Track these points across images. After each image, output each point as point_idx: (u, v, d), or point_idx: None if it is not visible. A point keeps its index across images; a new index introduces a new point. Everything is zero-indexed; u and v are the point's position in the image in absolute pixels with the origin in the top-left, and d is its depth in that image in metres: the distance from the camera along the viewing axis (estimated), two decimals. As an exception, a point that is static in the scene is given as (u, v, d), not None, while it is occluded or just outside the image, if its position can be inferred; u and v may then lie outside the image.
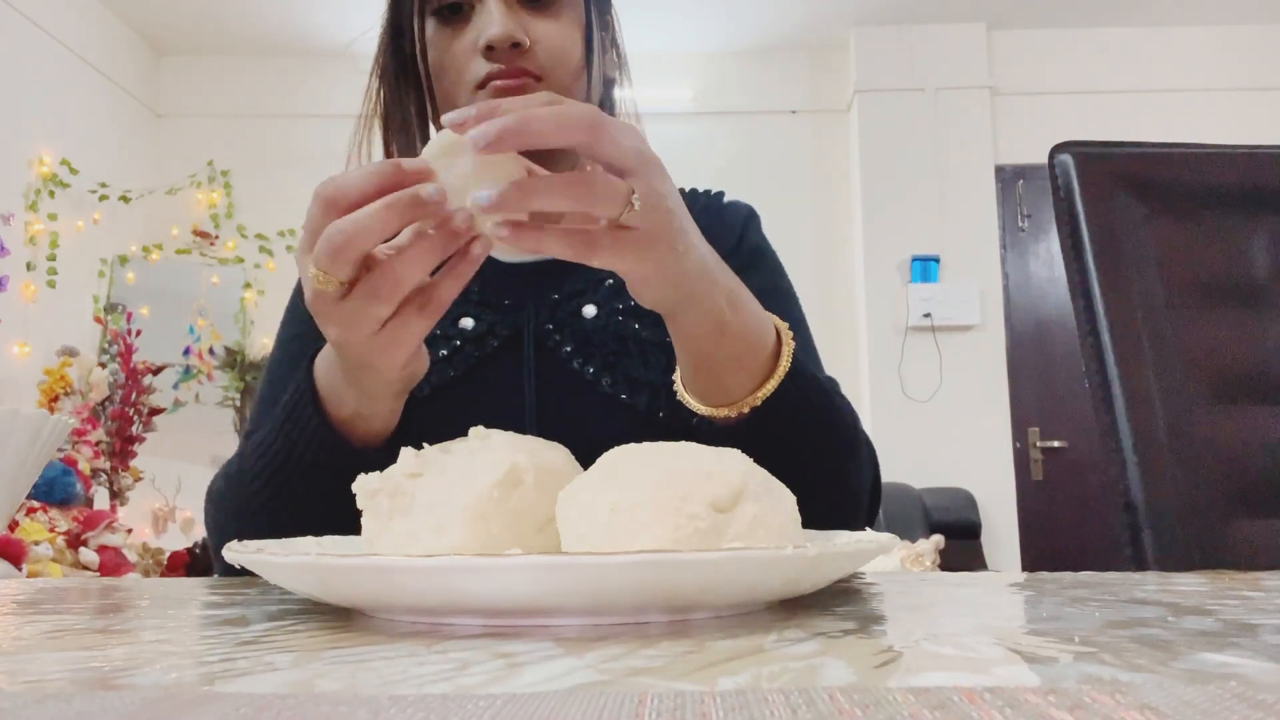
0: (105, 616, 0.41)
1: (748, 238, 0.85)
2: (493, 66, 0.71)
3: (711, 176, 4.39)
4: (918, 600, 0.42)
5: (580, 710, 0.20)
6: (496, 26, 0.70)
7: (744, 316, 0.58)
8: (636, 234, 0.48)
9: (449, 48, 0.73)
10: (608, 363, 0.75)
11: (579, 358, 0.75)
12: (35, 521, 2.44)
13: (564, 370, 0.75)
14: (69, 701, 0.22)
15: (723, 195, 0.91)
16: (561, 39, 0.73)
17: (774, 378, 0.60)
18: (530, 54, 0.72)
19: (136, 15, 3.98)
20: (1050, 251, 4.08)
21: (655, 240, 0.49)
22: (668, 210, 0.49)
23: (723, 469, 0.40)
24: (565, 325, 0.76)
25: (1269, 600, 0.40)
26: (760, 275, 0.82)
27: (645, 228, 0.48)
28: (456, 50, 0.73)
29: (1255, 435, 0.78)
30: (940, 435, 3.87)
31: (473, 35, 0.72)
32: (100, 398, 3.20)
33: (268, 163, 4.20)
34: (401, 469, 0.44)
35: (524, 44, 0.71)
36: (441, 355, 0.74)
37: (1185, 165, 0.85)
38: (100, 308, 3.88)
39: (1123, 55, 4.16)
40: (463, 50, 0.73)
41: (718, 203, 0.89)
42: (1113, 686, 0.22)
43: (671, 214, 0.49)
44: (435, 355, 0.72)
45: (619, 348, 0.75)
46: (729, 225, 0.85)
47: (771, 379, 0.60)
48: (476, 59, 0.72)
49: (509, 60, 0.71)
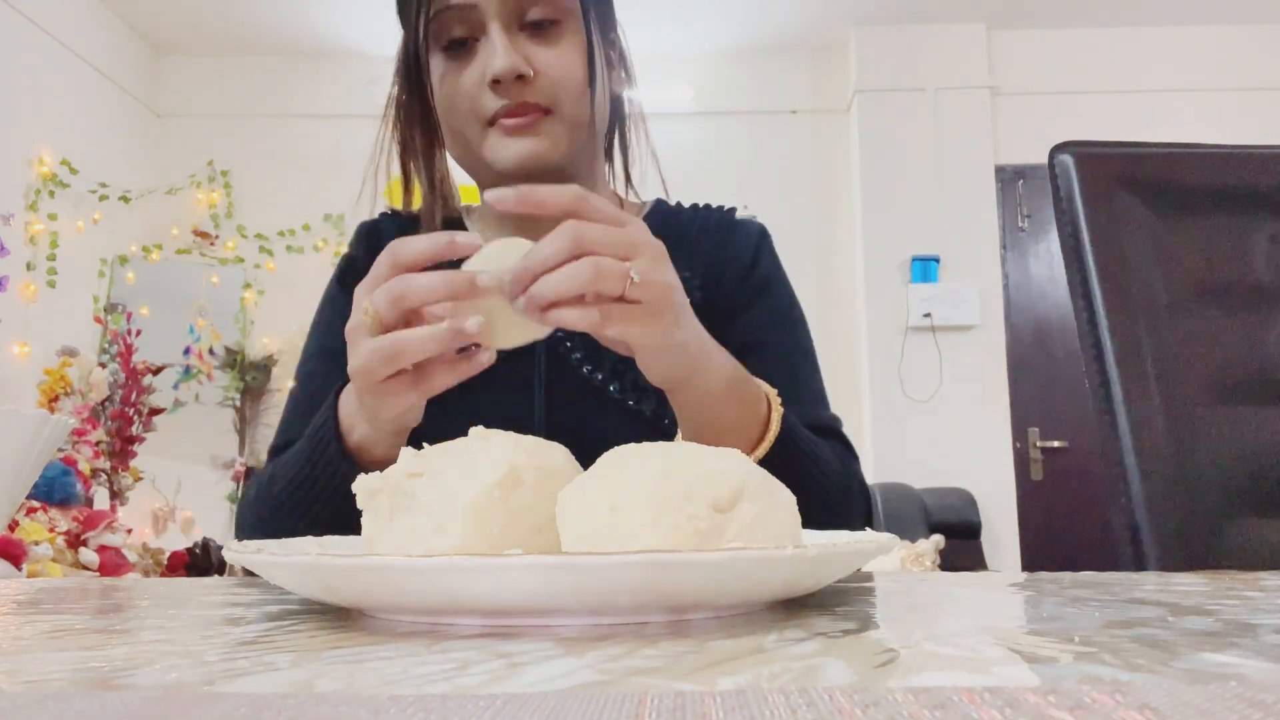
0: (105, 616, 0.41)
1: (761, 262, 0.87)
2: (500, 102, 0.74)
3: (712, 176, 4.36)
4: (918, 600, 0.42)
5: (580, 710, 0.20)
6: (501, 60, 0.73)
7: (740, 392, 0.65)
8: (641, 307, 0.55)
9: (457, 83, 0.76)
10: (616, 369, 0.77)
11: (588, 364, 0.78)
12: (35, 521, 2.44)
13: (574, 376, 0.78)
14: (69, 701, 0.22)
15: (734, 212, 0.92)
16: (565, 66, 0.76)
17: (764, 442, 0.66)
18: (535, 84, 0.75)
19: (136, 15, 3.98)
20: (1050, 251, 4.08)
21: (658, 313, 0.56)
22: (666, 286, 0.56)
23: (723, 469, 0.40)
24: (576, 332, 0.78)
25: (1269, 600, 0.40)
26: (771, 302, 0.85)
27: (647, 301, 0.54)
28: (464, 85, 0.76)
29: (1255, 435, 0.78)
30: (940, 435, 3.87)
31: (479, 69, 0.75)
32: (100, 398, 3.20)
33: (268, 163, 4.20)
34: (401, 469, 0.44)
35: (529, 75, 0.74)
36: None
37: (1185, 165, 0.85)
38: (100, 308, 3.88)
39: (1123, 55, 4.16)
40: (470, 84, 0.75)
41: (729, 220, 0.90)
42: (1113, 686, 0.22)
43: (671, 289, 0.56)
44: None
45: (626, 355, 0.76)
46: (741, 246, 0.87)
47: (761, 444, 0.66)
48: (485, 92, 0.75)
49: (515, 92, 0.74)
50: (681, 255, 0.83)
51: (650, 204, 0.92)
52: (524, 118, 0.75)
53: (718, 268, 0.85)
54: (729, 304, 0.83)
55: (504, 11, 0.74)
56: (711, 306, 0.81)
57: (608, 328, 0.54)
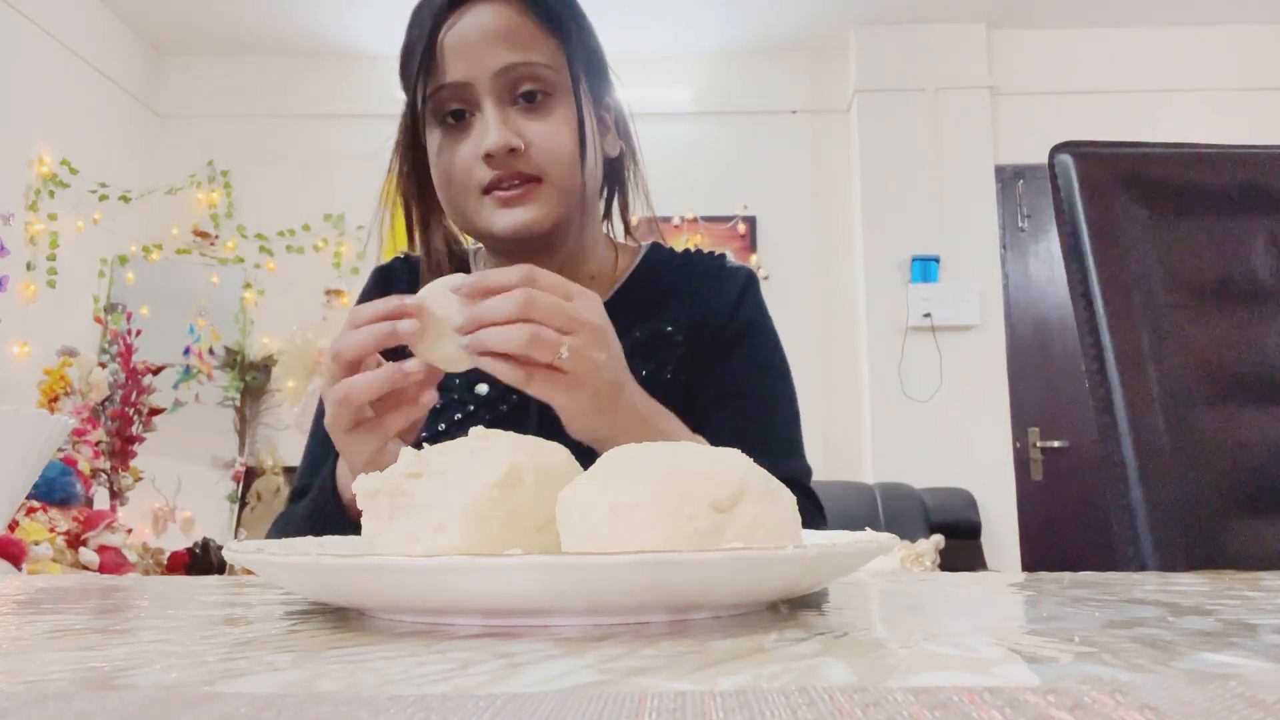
0: (105, 616, 0.41)
1: (742, 311, 0.90)
2: (494, 173, 0.79)
3: (711, 176, 4.35)
4: (918, 600, 0.42)
5: (580, 710, 0.20)
6: (493, 136, 0.77)
7: None
8: (566, 377, 0.61)
9: (453, 156, 0.81)
10: None
11: None
12: (35, 521, 2.44)
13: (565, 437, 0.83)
14: (69, 701, 0.22)
15: (725, 258, 0.96)
16: (555, 138, 0.80)
17: None
18: (527, 156, 0.79)
19: (136, 15, 3.98)
20: (1050, 251, 4.08)
21: (580, 385, 0.62)
22: (594, 364, 0.62)
23: (723, 469, 0.40)
24: None
25: (1269, 600, 0.40)
26: (748, 352, 0.88)
27: (572, 372, 0.61)
28: (459, 158, 0.80)
29: (1255, 435, 0.78)
30: (940, 435, 3.86)
31: (474, 143, 0.79)
32: (100, 398, 3.20)
33: (268, 163, 4.20)
34: (401, 469, 0.44)
35: (520, 149, 0.78)
36: (457, 419, 0.84)
37: (1185, 165, 0.85)
38: (100, 308, 3.88)
39: (1123, 55, 4.15)
40: (465, 157, 0.80)
41: (717, 266, 0.94)
42: (1113, 686, 0.22)
43: (597, 367, 0.62)
44: (452, 418, 0.84)
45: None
46: (725, 294, 0.90)
47: None
48: (479, 165, 0.79)
49: (508, 165, 0.79)
50: (666, 308, 0.88)
51: (645, 248, 0.95)
52: (516, 188, 0.79)
53: (700, 315, 0.88)
54: (708, 351, 0.86)
55: (496, 88, 0.79)
56: (692, 354, 0.86)
57: (530, 388, 0.61)
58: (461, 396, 0.85)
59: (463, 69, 0.79)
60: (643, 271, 0.92)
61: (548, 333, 0.60)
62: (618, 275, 0.92)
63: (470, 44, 0.78)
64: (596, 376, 0.63)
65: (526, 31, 0.79)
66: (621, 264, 0.93)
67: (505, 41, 0.79)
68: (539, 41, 0.80)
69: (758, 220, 4.14)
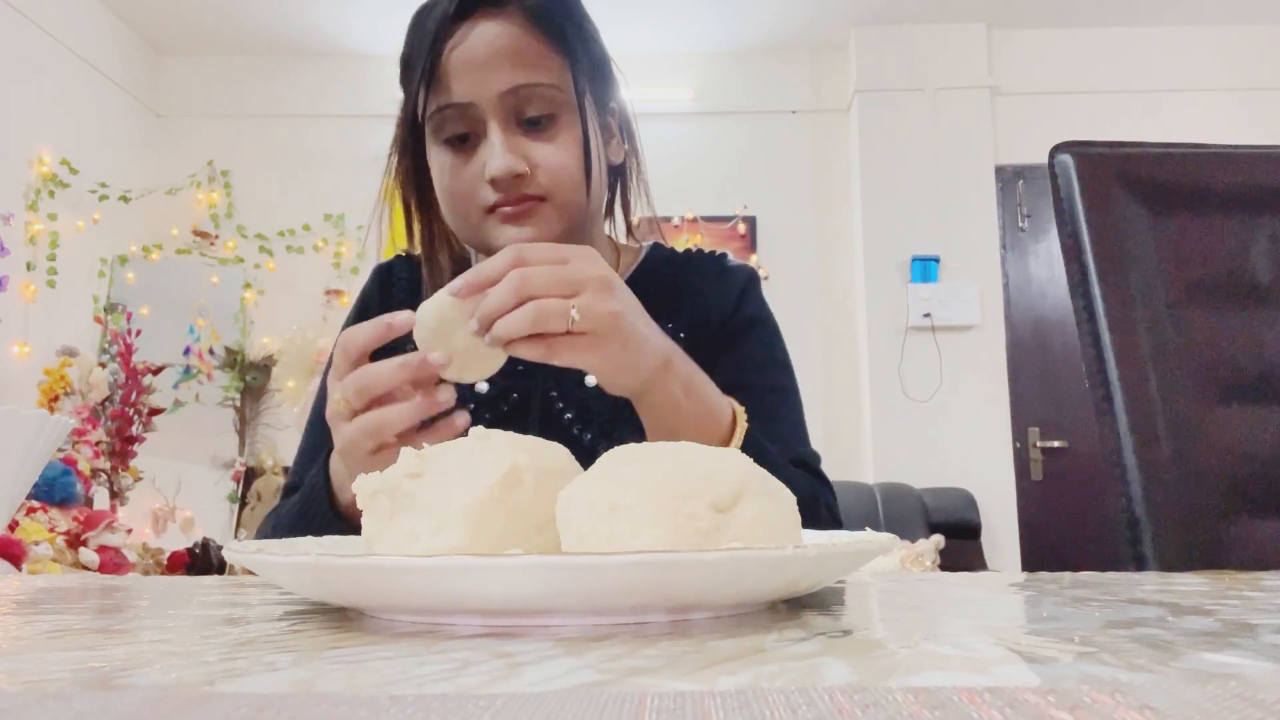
0: (105, 616, 0.41)
1: (744, 307, 0.90)
2: (498, 195, 0.78)
3: (711, 176, 4.36)
4: (918, 600, 0.42)
5: (580, 710, 0.20)
6: (499, 161, 0.77)
7: (699, 402, 0.69)
8: (586, 338, 0.60)
9: (458, 177, 0.80)
10: (604, 429, 0.82)
11: (579, 424, 0.83)
12: (35, 521, 2.44)
13: (566, 436, 0.81)
14: (69, 701, 0.22)
15: (725, 257, 0.96)
16: (559, 160, 0.79)
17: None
18: (532, 179, 0.79)
19: (136, 15, 3.98)
20: (1050, 251, 4.08)
21: (603, 340, 0.61)
22: (609, 315, 0.61)
23: (723, 469, 0.40)
24: (568, 394, 0.84)
25: (1269, 600, 0.40)
26: (751, 345, 0.89)
27: (591, 331, 0.60)
28: (464, 178, 0.79)
29: (1255, 435, 0.78)
30: (940, 435, 3.86)
31: (478, 165, 0.79)
32: (100, 398, 3.21)
33: (268, 163, 4.20)
34: (401, 469, 0.44)
35: (525, 174, 0.78)
36: None
37: (1185, 165, 0.85)
38: (100, 308, 3.88)
39: (1123, 55, 4.15)
40: (470, 179, 0.79)
41: (718, 265, 0.94)
42: (1113, 686, 0.22)
43: (615, 316, 0.61)
44: None
45: (615, 416, 0.82)
46: (726, 291, 0.91)
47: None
48: (484, 186, 0.79)
49: (513, 188, 0.78)
50: (668, 306, 0.88)
51: (646, 248, 0.96)
52: (520, 207, 0.79)
53: (702, 313, 0.89)
54: (712, 346, 0.86)
55: (502, 110, 0.78)
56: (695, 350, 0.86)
57: (555, 359, 0.60)
58: (463, 394, 0.85)
59: (468, 89, 0.77)
60: (645, 271, 0.93)
61: (551, 303, 0.59)
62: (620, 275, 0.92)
63: (477, 63, 0.77)
64: (617, 326, 0.61)
65: (533, 50, 0.78)
66: (623, 264, 0.94)
67: (511, 61, 0.77)
68: (545, 60, 0.79)
69: (758, 220, 4.14)
